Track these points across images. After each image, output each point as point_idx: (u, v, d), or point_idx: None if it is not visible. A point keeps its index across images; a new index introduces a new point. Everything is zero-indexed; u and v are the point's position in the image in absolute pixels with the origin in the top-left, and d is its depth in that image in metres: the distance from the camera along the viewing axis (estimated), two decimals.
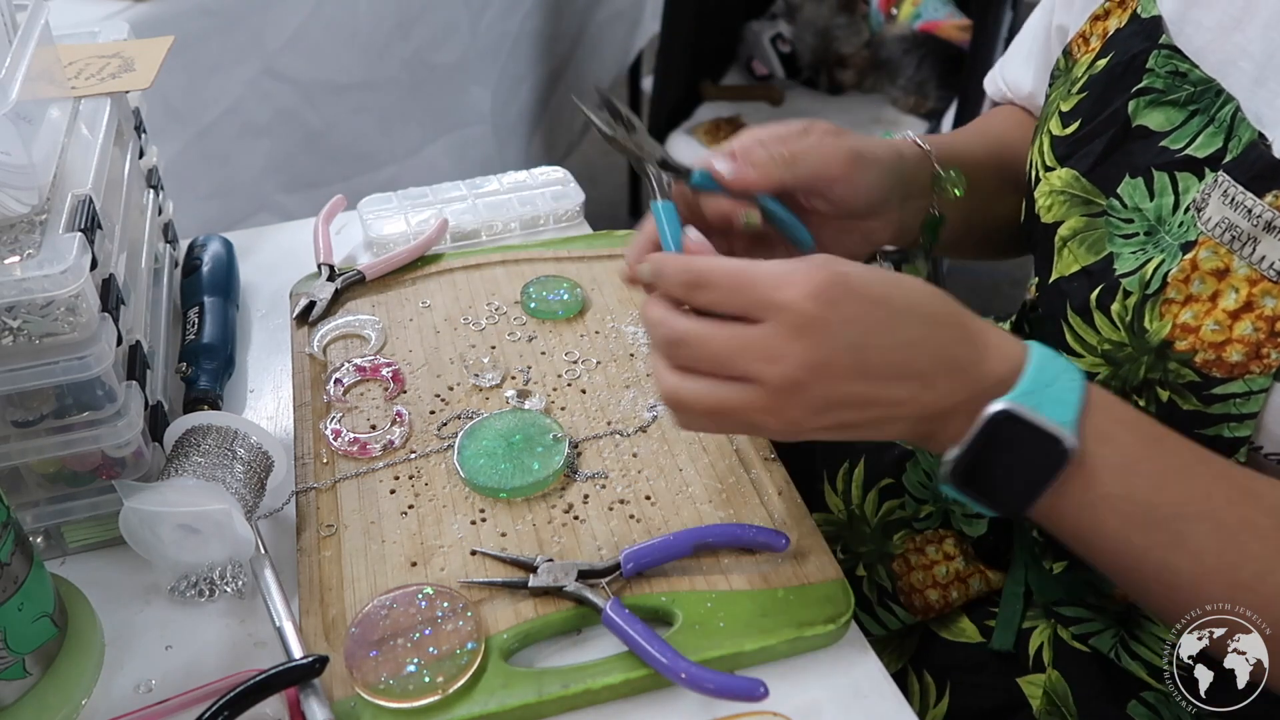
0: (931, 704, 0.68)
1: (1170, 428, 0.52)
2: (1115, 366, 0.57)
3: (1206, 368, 0.52)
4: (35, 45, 0.60)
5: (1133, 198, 0.57)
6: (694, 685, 0.52)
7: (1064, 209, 0.61)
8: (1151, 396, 0.56)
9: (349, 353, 0.77)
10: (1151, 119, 0.57)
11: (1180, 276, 0.53)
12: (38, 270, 0.53)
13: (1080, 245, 0.59)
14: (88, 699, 0.55)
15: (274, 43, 1.38)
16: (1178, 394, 0.54)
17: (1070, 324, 0.59)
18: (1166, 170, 0.55)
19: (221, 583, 0.60)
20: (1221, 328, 0.51)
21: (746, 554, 0.60)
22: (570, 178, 0.98)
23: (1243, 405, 0.52)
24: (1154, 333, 0.54)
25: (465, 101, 1.74)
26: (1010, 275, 2.37)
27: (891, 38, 2.19)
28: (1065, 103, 0.63)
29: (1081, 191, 0.60)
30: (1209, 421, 0.53)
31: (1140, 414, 0.51)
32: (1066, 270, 0.60)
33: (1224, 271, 0.51)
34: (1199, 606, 0.48)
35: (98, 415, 0.59)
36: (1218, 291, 0.52)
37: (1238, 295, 0.51)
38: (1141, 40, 0.58)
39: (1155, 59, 0.57)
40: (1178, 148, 0.55)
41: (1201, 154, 0.54)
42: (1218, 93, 0.54)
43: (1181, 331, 0.53)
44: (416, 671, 0.53)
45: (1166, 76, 0.56)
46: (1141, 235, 0.56)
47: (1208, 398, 0.53)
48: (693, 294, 0.51)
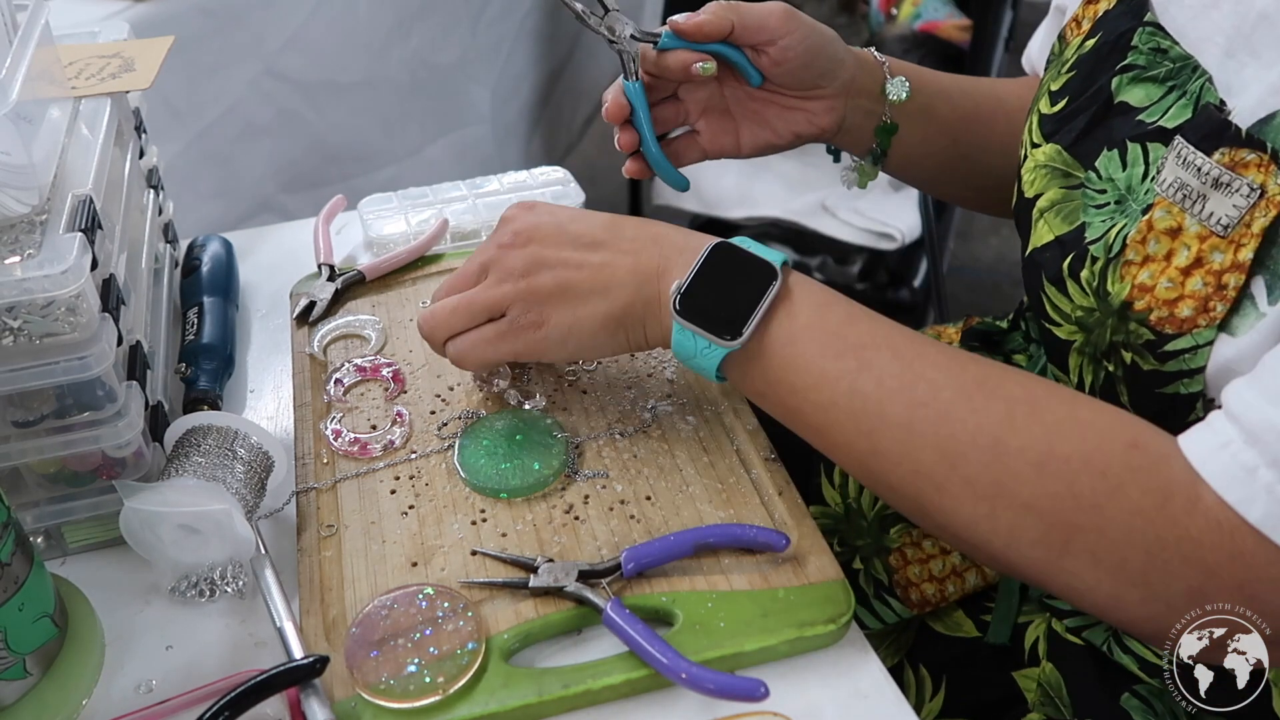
0: (928, 698, 0.68)
1: (1134, 395, 0.55)
2: (1087, 332, 0.58)
3: (1160, 325, 0.53)
4: (35, 45, 0.60)
5: (1107, 169, 0.57)
6: (694, 685, 0.52)
7: (1045, 182, 0.62)
8: (1118, 360, 0.56)
9: (349, 353, 0.77)
10: (1132, 95, 0.57)
11: (1138, 238, 0.53)
12: (38, 270, 0.53)
13: (1056, 216, 0.60)
14: (88, 699, 0.55)
15: (274, 43, 1.38)
16: (1138, 354, 0.55)
17: (1047, 294, 0.60)
18: (1138, 141, 0.56)
19: (222, 583, 0.60)
20: (1174, 285, 0.52)
21: (747, 554, 0.60)
22: (570, 178, 0.98)
23: (1192, 360, 0.52)
24: (1115, 295, 0.55)
25: (465, 101, 1.74)
26: (1010, 275, 2.37)
27: (891, 38, 2.19)
28: (1054, 83, 0.64)
29: (1063, 165, 0.61)
30: (1165, 380, 0.54)
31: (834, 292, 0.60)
32: (1040, 241, 0.61)
33: (1177, 230, 0.52)
34: (884, 431, 0.54)
35: (98, 415, 0.59)
36: (1171, 250, 0.52)
37: (1189, 252, 0.51)
38: (1128, 19, 0.60)
39: (1139, 36, 0.58)
40: (1152, 121, 0.56)
41: (1171, 125, 0.54)
42: (1194, 69, 0.55)
43: (1139, 291, 0.53)
44: (417, 671, 0.53)
45: (1149, 53, 0.57)
46: (1112, 205, 0.57)
47: (1162, 355, 0.53)
48: (449, 321, 0.65)
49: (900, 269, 2.06)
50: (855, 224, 1.87)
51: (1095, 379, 0.60)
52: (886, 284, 2.07)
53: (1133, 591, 0.48)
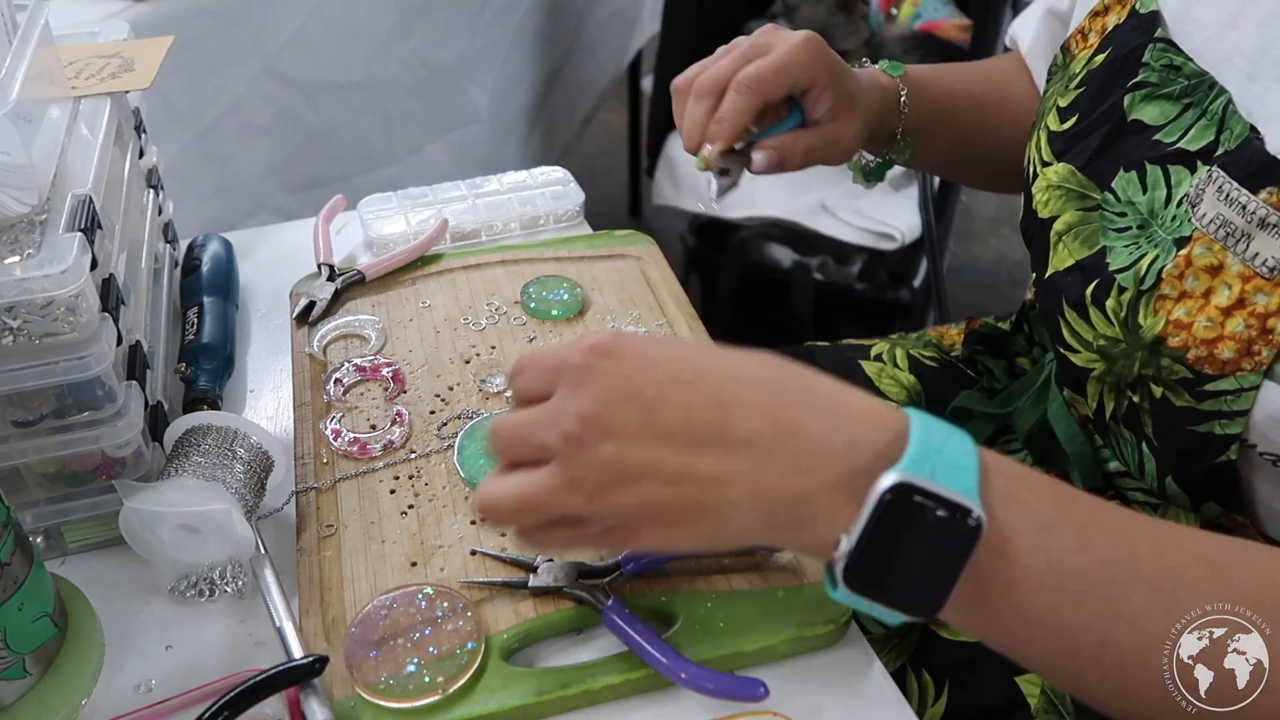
0: (930, 703, 0.68)
1: (1161, 428, 0.51)
2: (1110, 362, 0.57)
3: (1198, 364, 0.52)
4: (35, 45, 0.60)
5: (1126, 191, 0.57)
6: (694, 685, 0.52)
7: (1060, 203, 0.61)
8: (1145, 392, 0.56)
9: (349, 353, 0.77)
10: (1146, 113, 0.57)
11: (1175, 272, 0.53)
12: (38, 270, 0.53)
13: (1075, 239, 0.59)
14: (88, 699, 0.55)
15: (274, 43, 1.38)
16: (1171, 390, 0.54)
17: (1066, 319, 0.60)
18: (1159, 163, 0.55)
19: (221, 583, 0.60)
20: (1214, 324, 0.51)
21: (746, 554, 0.60)
22: (570, 178, 0.98)
23: (1234, 402, 0.51)
24: (1147, 329, 0.54)
25: (464, 101, 1.74)
26: (1010, 275, 2.37)
27: (891, 38, 2.19)
28: (1063, 98, 0.63)
29: (1078, 186, 0.60)
30: (1201, 418, 0.53)
31: (1031, 469, 0.45)
32: (1061, 265, 0.60)
33: (1217, 268, 0.51)
34: (1145, 682, 0.43)
35: (98, 415, 0.58)
36: (1211, 288, 0.51)
37: (1230, 292, 0.50)
38: (1139, 35, 0.59)
39: (1151, 53, 0.57)
40: (1170, 141, 0.55)
41: (1193, 147, 0.54)
42: (1210, 85, 0.54)
43: (1174, 328, 0.53)
44: (416, 671, 0.53)
45: (1162, 70, 0.57)
46: (1134, 229, 0.56)
47: (1199, 394, 0.52)
48: (514, 382, 0.48)
49: (900, 269, 2.06)
50: (855, 224, 1.87)
51: (1118, 407, 0.59)
52: (886, 284, 2.07)
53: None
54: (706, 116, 0.68)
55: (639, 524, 0.44)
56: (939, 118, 0.78)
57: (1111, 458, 0.68)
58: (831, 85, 0.69)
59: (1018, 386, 0.78)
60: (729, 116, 0.67)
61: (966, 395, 0.80)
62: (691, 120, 0.68)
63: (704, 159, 0.68)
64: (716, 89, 0.68)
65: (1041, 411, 0.72)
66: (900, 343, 0.89)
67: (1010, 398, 0.78)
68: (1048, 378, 0.72)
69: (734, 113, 0.67)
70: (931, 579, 0.42)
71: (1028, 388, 0.75)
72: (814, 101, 0.70)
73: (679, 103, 0.70)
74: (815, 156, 0.71)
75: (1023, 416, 0.74)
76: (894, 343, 0.89)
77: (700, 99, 0.68)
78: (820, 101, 0.69)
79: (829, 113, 0.70)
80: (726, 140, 0.67)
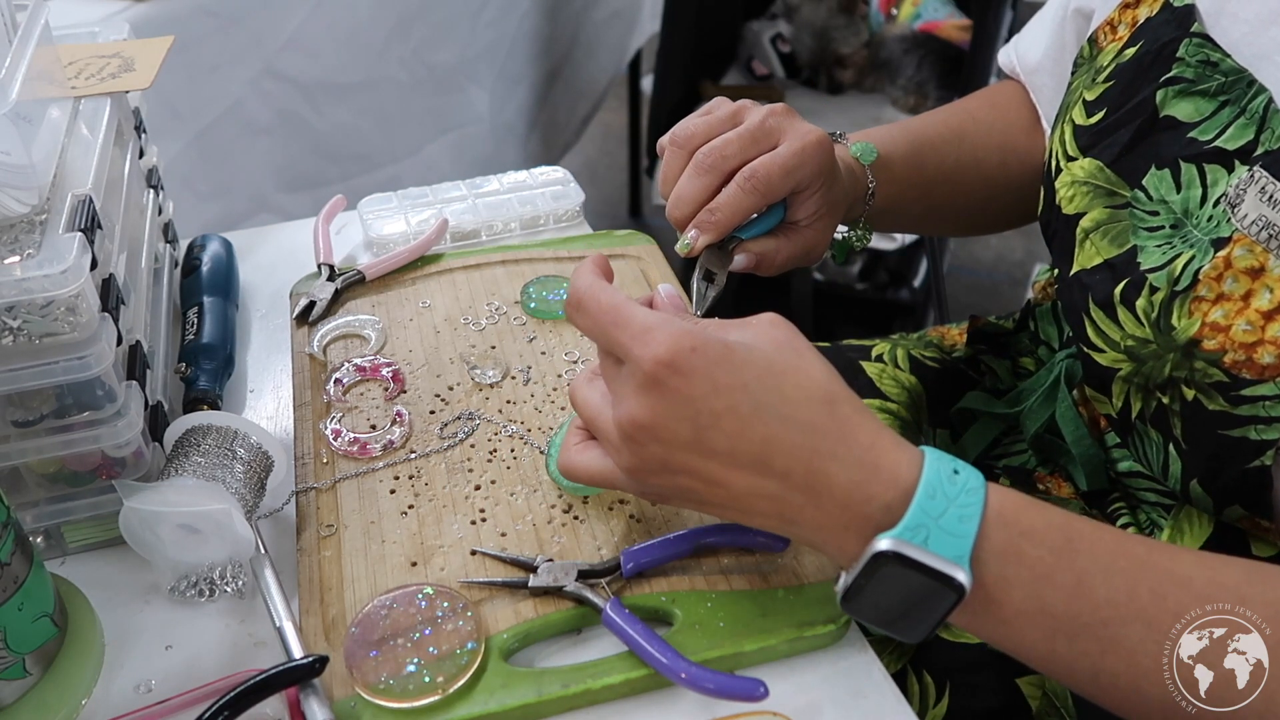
0: (931, 704, 0.68)
1: (1191, 430, 0.50)
2: (1138, 363, 0.56)
3: (1236, 368, 0.51)
4: (35, 45, 0.60)
5: (1159, 190, 0.55)
6: (694, 685, 0.52)
7: (1087, 200, 0.60)
8: (1176, 394, 0.55)
9: (349, 353, 0.77)
10: (1180, 109, 0.55)
11: (1213, 274, 0.51)
12: (38, 270, 0.53)
13: (1103, 238, 0.58)
14: (88, 699, 0.55)
15: (274, 43, 1.38)
16: (1204, 393, 0.53)
17: (1092, 317, 0.58)
18: (1194, 161, 0.54)
19: (221, 583, 0.60)
20: (1254, 328, 0.50)
21: (746, 554, 0.60)
22: (570, 178, 0.98)
23: (1273, 408, 0.50)
24: (1181, 330, 0.53)
25: (463, 101, 1.74)
26: (1010, 275, 2.37)
27: (891, 38, 2.19)
28: (1090, 91, 0.62)
29: (1105, 183, 0.59)
30: (1235, 423, 0.52)
31: (1051, 516, 0.47)
32: (1088, 263, 0.59)
33: (1259, 270, 0.50)
34: (1141, 700, 0.46)
35: (98, 415, 0.58)
36: (1251, 291, 0.50)
37: (1272, 295, 0.49)
38: (1173, 29, 0.57)
39: (1186, 48, 0.56)
40: (1207, 139, 0.54)
41: (1232, 146, 0.52)
42: (1249, 83, 0.53)
43: (1211, 330, 0.51)
44: (416, 671, 0.53)
45: (1197, 66, 0.55)
46: (1167, 228, 0.55)
47: (1235, 399, 0.51)
48: (572, 314, 0.53)
49: (900, 269, 2.06)
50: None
51: (1145, 408, 0.58)
52: (886, 284, 2.07)
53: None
54: (702, 196, 0.62)
55: (677, 503, 0.53)
56: (903, 200, 0.75)
57: (1126, 458, 0.68)
58: (822, 191, 0.65)
59: (1026, 387, 0.77)
60: (727, 212, 0.62)
61: (972, 395, 0.80)
62: (683, 195, 0.63)
63: (688, 246, 0.63)
64: (718, 169, 0.62)
65: (1050, 412, 0.72)
66: (901, 343, 0.89)
67: (1018, 398, 0.77)
68: (1057, 378, 0.72)
69: (733, 210, 0.62)
70: (917, 624, 0.47)
71: (1036, 388, 0.74)
72: (801, 203, 0.66)
73: (671, 160, 0.64)
74: (791, 264, 0.68)
75: (1031, 417, 0.74)
76: (895, 343, 0.89)
77: (699, 174, 0.62)
78: (807, 204, 0.66)
79: (810, 217, 0.67)
80: (717, 236, 0.62)
